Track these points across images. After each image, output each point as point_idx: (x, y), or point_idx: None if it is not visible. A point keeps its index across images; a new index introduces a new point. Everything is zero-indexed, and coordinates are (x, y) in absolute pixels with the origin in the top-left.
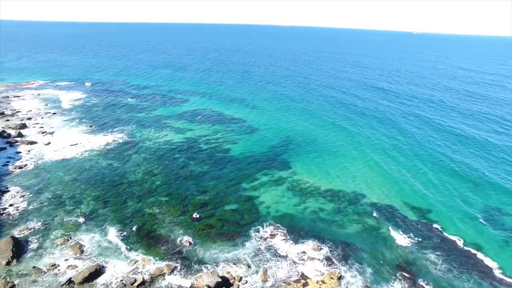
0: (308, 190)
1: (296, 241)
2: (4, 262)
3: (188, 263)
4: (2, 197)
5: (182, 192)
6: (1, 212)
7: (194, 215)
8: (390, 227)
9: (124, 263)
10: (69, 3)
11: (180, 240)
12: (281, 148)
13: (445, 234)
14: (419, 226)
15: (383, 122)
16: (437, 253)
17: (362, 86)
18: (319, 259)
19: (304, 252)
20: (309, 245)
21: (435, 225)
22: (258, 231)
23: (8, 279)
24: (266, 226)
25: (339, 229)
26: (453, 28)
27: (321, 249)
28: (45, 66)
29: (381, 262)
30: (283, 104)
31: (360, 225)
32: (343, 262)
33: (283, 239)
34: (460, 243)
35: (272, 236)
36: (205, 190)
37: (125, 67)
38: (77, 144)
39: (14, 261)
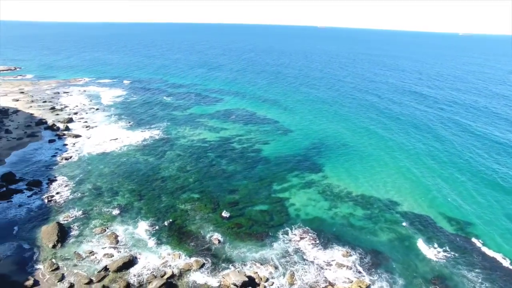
0: (339, 194)
1: (325, 246)
2: (50, 245)
3: (216, 260)
4: (51, 186)
5: (214, 190)
6: (50, 199)
7: (224, 214)
8: (423, 238)
9: (155, 256)
10: (120, 3)
11: (210, 237)
12: (313, 151)
13: (485, 250)
14: (456, 239)
15: (419, 128)
16: (476, 270)
17: (399, 90)
18: (347, 266)
19: (332, 258)
20: (338, 251)
21: (473, 240)
22: (286, 233)
23: (53, 261)
24: (295, 228)
25: (369, 237)
26: (501, 28)
27: (350, 255)
28: (91, 64)
29: (413, 274)
30: (316, 106)
31: (392, 233)
32: (373, 271)
33: (312, 243)
34: (503, 261)
35: (301, 239)
36: (235, 189)
37: (162, 66)
38: (116, 139)
39: (59, 245)
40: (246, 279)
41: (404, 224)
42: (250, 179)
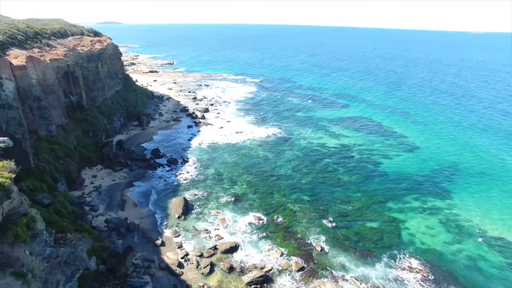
0: (467, 229)
1: (437, 284)
2: (176, 216)
3: (315, 267)
4: (184, 165)
5: (325, 196)
6: (181, 176)
7: (331, 222)
8: None
9: (258, 248)
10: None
11: (313, 243)
12: (441, 174)
13: None
14: None
15: None
16: None
17: None
18: None
19: None
20: None
21: None
22: (394, 257)
23: (176, 229)
24: (405, 255)
25: None
26: None
27: None
28: (230, 62)
29: None
30: (451, 122)
31: None
32: None
33: (422, 277)
34: None
35: (409, 268)
36: (348, 200)
37: (294, 67)
38: (242, 132)
39: (183, 217)
40: None
41: None
42: (365, 192)
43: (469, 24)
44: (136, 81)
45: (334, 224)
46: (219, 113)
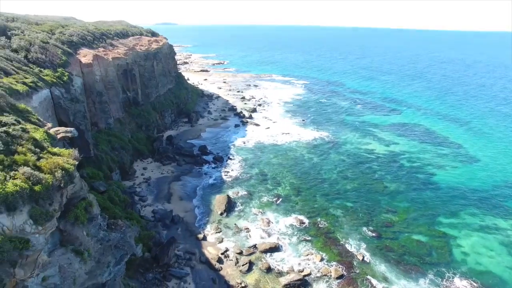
0: None
1: None
2: (219, 212)
3: (355, 276)
4: (229, 163)
5: (370, 204)
6: (226, 174)
7: (375, 231)
8: None
9: (298, 251)
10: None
11: (355, 251)
12: (504, 190)
13: None
14: None
15: None
16: None
17: None
18: None
19: None
20: None
21: None
22: (442, 275)
23: (218, 226)
24: (456, 275)
25: None
26: None
27: None
28: (279, 62)
29: None
30: None
31: None
32: None
33: None
34: None
35: None
36: (395, 210)
37: (342, 69)
38: (288, 133)
39: (225, 213)
40: None
41: None
42: (414, 203)
43: None
44: (188, 79)
45: (378, 234)
46: (266, 113)
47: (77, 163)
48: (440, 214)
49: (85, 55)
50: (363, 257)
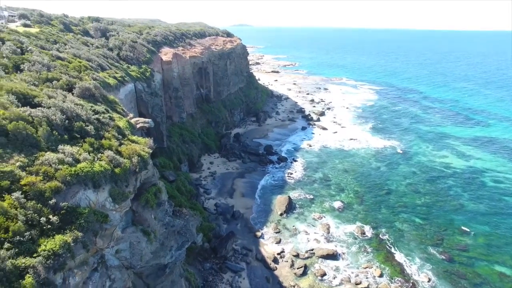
0: None
1: None
2: (279, 212)
3: None
4: (292, 164)
5: (442, 222)
6: (289, 175)
7: (446, 253)
8: None
9: (357, 261)
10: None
11: (419, 270)
12: None
13: None
14: None
15: None
16: None
17: None
18: None
19: None
20: None
21: None
22: None
23: (277, 226)
24: None
25: None
26: None
27: None
28: (352, 66)
29: None
30: None
31: None
32: None
33: None
34: None
35: None
36: (470, 231)
37: (417, 74)
38: (356, 139)
39: (285, 214)
40: None
41: None
42: (495, 226)
43: None
44: (259, 79)
45: (449, 256)
46: (335, 117)
47: (151, 151)
48: None
49: (166, 53)
50: (430, 279)
